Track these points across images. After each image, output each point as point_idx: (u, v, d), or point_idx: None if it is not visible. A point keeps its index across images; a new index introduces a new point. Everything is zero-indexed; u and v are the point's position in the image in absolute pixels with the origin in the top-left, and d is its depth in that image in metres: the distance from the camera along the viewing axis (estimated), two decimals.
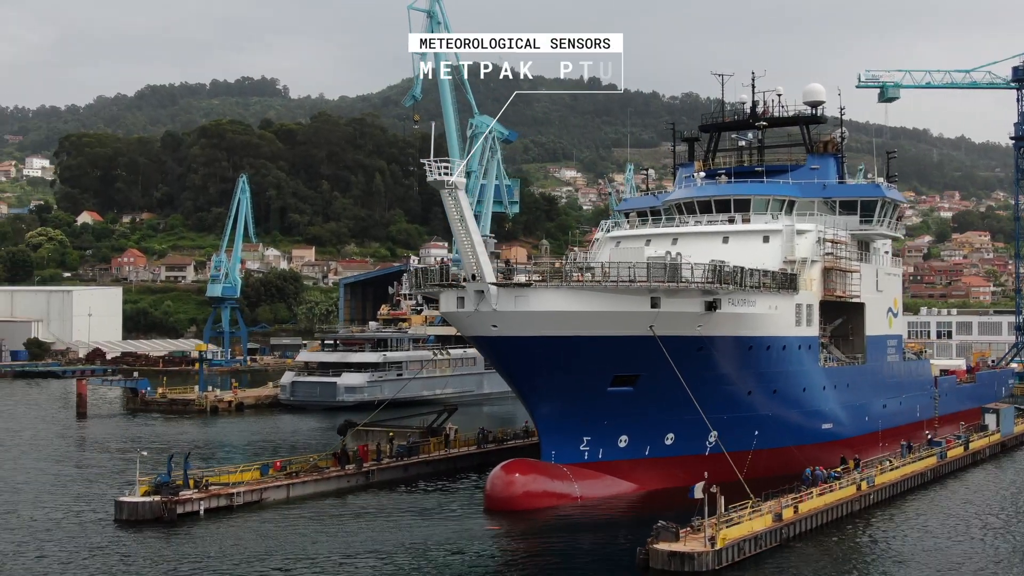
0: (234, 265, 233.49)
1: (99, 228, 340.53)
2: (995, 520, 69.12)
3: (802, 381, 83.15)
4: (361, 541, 60.11)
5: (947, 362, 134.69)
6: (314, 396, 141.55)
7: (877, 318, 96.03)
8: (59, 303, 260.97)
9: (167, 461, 70.06)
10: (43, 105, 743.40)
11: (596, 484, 73.30)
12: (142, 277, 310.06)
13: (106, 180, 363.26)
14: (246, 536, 61.46)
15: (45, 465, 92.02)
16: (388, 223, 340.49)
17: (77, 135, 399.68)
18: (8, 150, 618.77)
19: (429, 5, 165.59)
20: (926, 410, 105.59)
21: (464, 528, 63.65)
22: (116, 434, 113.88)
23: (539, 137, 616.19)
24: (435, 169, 64.67)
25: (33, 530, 63.65)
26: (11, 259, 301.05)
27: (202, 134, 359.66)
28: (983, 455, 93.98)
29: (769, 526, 58.88)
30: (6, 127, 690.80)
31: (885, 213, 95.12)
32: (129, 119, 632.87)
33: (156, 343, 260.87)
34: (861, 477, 71.68)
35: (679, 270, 69.65)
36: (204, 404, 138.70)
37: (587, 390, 71.30)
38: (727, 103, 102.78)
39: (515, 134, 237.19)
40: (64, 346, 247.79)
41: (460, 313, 70.62)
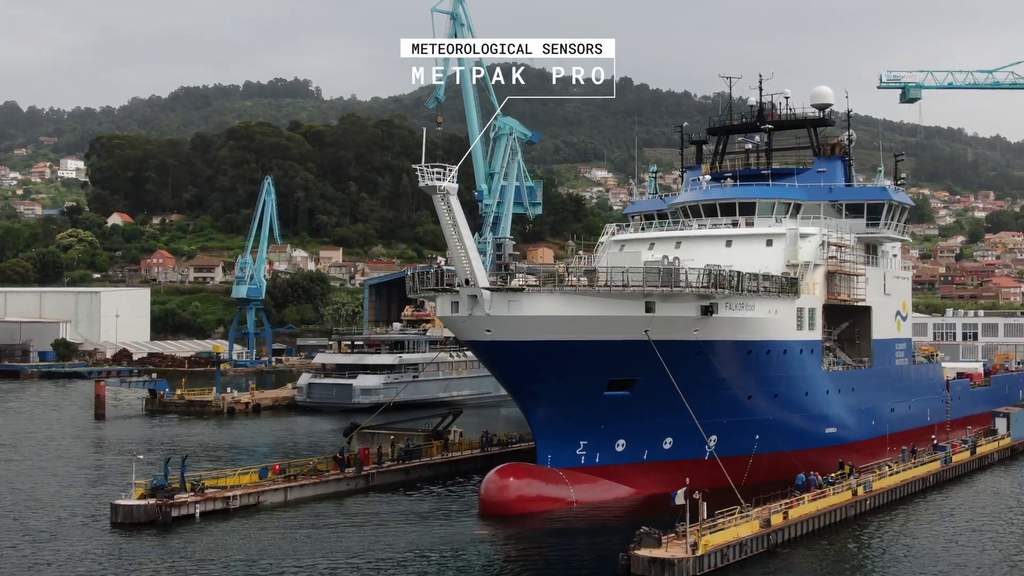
0: (259, 266, 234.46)
1: (129, 229, 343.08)
2: (992, 526, 68.65)
3: (804, 385, 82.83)
4: (348, 546, 60.40)
5: (964, 365, 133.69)
6: (330, 398, 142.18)
7: (885, 321, 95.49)
8: (87, 304, 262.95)
9: (163, 464, 70.50)
10: (78, 107, 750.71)
11: (592, 488, 73.38)
12: (171, 278, 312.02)
13: (136, 182, 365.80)
14: (237, 540, 61.88)
15: (54, 465, 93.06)
16: (415, 224, 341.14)
17: (108, 137, 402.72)
18: (43, 151, 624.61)
19: (452, 7, 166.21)
20: (937, 414, 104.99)
21: (453, 533, 63.89)
22: (130, 436, 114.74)
23: (570, 137, 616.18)
24: (427, 175, 64.89)
25: (29, 531, 64.44)
26: (41, 260, 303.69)
27: (231, 136, 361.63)
28: (991, 460, 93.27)
29: (756, 532, 58.80)
30: (42, 128, 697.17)
31: (893, 216, 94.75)
32: (162, 120, 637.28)
33: (183, 344, 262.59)
34: (858, 483, 71.30)
35: (673, 275, 69.54)
36: (221, 406, 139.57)
37: (583, 394, 71.39)
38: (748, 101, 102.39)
39: (538, 135, 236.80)
40: (92, 347, 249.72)
41: (455, 317, 70.92)
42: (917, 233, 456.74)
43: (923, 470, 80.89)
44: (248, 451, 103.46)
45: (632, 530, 56.04)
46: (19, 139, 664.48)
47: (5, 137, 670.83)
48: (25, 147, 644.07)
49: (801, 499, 64.89)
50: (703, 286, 70.44)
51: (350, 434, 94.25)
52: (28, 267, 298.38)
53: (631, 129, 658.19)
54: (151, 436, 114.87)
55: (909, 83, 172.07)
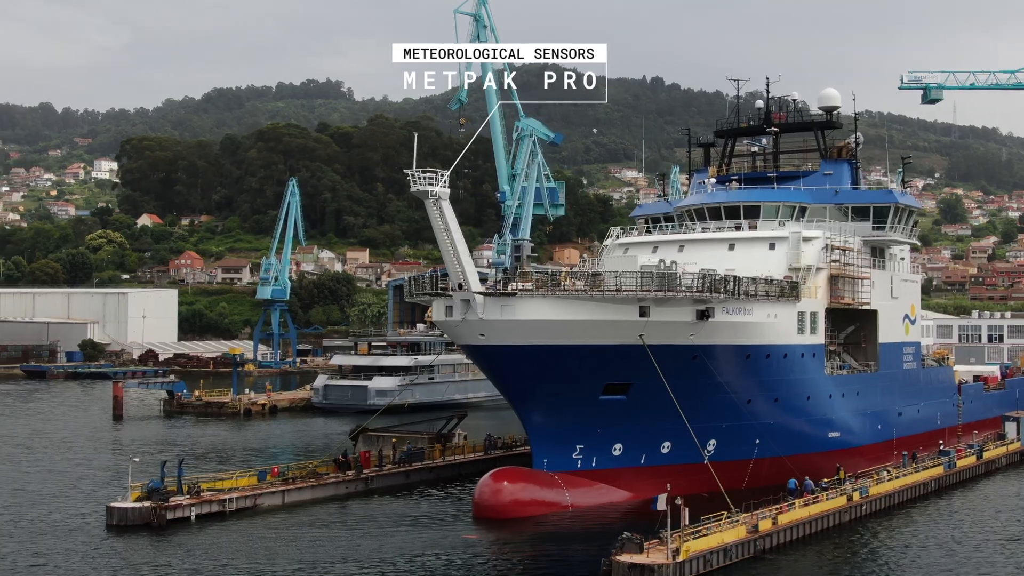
0: (284, 268, 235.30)
1: (158, 230, 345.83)
2: (985, 534, 68.11)
3: (806, 389, 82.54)
4: (335, 549, 60.67)
5: (980, 368, 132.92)
6: (346, 399, 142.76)
7: (891, 325, 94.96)
8: (115, 305, 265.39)
9: (160, 467, 71.05)
10: (112, 108, 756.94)
11: (588, 492, 73.42)
12: (199, 279, 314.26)
13: (166, 183, 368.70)
14: (227, 542, 62.31)
15: (62, 466, 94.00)
16: None
17: (138, 139, 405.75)
18: (78, 152, 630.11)
19: (476, 9, 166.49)
20: (948, 418, 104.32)
21: (444, 537, 64.01)
22: (144, 437, 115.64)
23: (601, 138, 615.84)
24: (418, 180, 65.29)
25: (26, 533, 65.16)
26: (71, 261, 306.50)
27: (259, 137, 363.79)
28: (998, 465, 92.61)
29: (742, 538, 58.68)
30: (77, 130, 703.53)
31: (899, 219, 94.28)
32: (195, 122, 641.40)
33: (209, 344, 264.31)
34: (853, 488, 70.99)
35: (666, 279, 69.48)
36: (237, 407, 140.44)
37: (578, 398, 71.43)
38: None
39: (560, 137, 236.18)
40: (119, 347, 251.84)
41: (449, 322, 71.23)
42: (949, 233, 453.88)
43: (924, 475, 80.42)
44: (258, 453, 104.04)
45: (618, 535, 55.93)
46: (54, 140, 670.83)
47: (40, 138, 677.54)
48: (60, 148, 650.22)
49: (792, 504, 64.62)
50: (697, 290, 70.34)
51: (356, 436, 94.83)
52: (58, 268, 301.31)
53: (662, 129, 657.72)
54: (165, 437, 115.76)
55: (931, 84, 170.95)
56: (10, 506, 73.84)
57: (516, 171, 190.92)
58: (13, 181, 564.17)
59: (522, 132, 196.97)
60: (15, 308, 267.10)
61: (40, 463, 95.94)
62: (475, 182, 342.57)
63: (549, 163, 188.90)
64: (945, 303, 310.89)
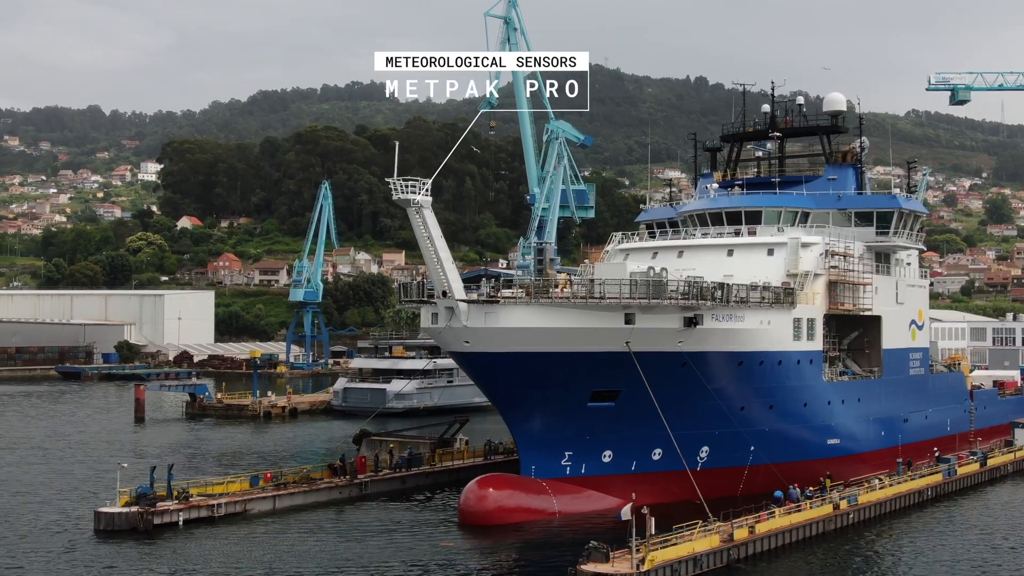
0: (316, 270, 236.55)
1: (197, 233, 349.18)
2: (978, 545, 67.45)
3: (803, 396, 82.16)
4: (315, 555, 61.13)
5: (1002, 373, 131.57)
6: (364, 402, 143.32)
7: (896, 331, 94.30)
8: (151, 307, 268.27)
9: (150, 472, 71.78)
10: (159, 110, 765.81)
11: (577, 499, 73.40)
12: (236, 281, 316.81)
13: (207, 186, 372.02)
14: (210, 549, 62.84)
15: (70, 468, 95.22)
16: (478, 227, 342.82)
17: (179, 142, 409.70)
18: (125, 155, 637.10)
19: (506, 11, 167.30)
20: (959, 424, 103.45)
21: (422, 545, 64.22)
22: (160, 440, 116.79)
23: (643, 138, 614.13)
24: (400, 188, 65.68)
25: (13, 535, 66.22)
26: (110, 263, 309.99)
27: (297, 140, 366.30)
28: (1003, 472, 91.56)
29: (715, 547, 58.51)
30: (124, 132, 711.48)
31: (904, 224, 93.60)
32: (240, 124, 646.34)
33: (245, 346, 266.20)
34: (840, 496, 70.57)
35: (651, 287, 69.41)
36: (257, 410, 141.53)
37: (565, 405, 71.50)
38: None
39: (591, 139, 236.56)
40: (155, 349, 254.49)
41: (434, 328, 71.61)
42: (995, 234, 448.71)
43: (920, 483, 79.67)
44: (265, 456, 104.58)
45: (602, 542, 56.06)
46: (102, 142, 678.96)
47: (88, 140, 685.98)
48: (107, 150, 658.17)
49: (772, 512, 64.35)
50: (683, 297, 70.26)
51: (359, 441, 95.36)
52: (97, 270, 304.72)
53: (706, 129, 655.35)
54: (180, 441, 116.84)
55: (958, 85, 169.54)
56: (4, 508, 74.87)
57: (546, 173, 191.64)
58: (61, 183, 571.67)
59: (552, 135, 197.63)
60: (54, 310, 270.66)
61: (50, 465, 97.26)
62: (512, 184, 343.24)
63: (591, 164, 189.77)
64: (985, 305, 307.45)
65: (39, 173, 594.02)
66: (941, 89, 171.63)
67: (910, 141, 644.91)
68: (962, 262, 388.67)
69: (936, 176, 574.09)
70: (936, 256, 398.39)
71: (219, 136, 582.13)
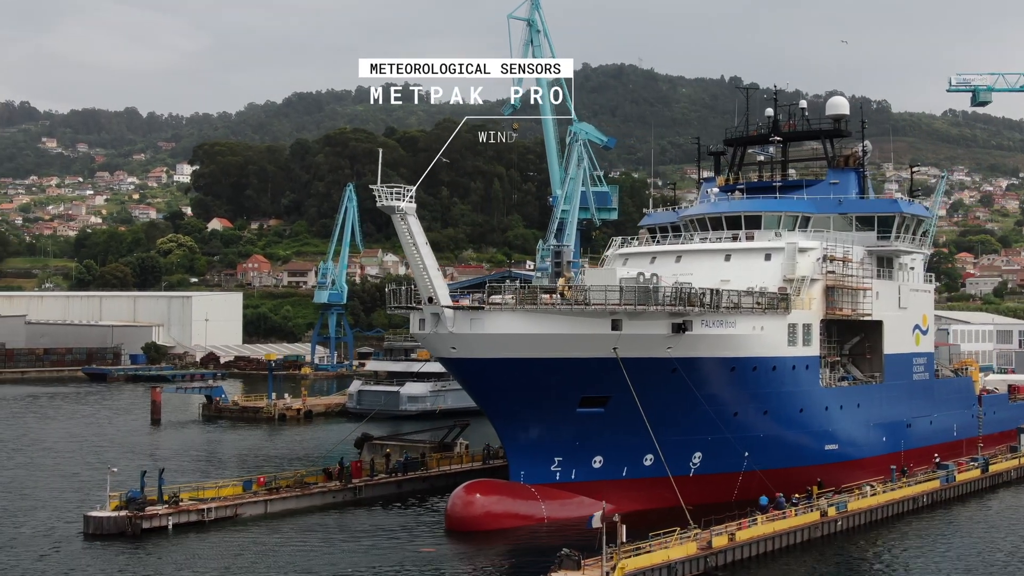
0: (341, 272, 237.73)
1: (227, 234, 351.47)
2: (966, 553, 67.00)
3: (799, 402, 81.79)
4: (295, 560, 61.55)
5: (1017, 377, 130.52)
6: (378, 405, 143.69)
7: (899, 336, 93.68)
8: (179, 308, 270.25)
9: (140, 476, 72.40)
10: (196, 112, 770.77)
11: (567, 505, 73.30)
12: (265, 282, 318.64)
13: (237, 188, 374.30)
14: (195, 553, 63.36)
15: (77, 470, 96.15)
16: (505, 228, 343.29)
17: (210, 144, 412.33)
18: (161, 156, 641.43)
19: (529, 13, 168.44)
20: (966, 429, 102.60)
21: (398, 551, 64.33)
22: (172, 442, 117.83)
23: (676, 138, 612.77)
24: (385, 194, 65.90)
25: (2, 537, 67.01)
26: (140, 265, 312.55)
27: (327, 142, 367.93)
28: (1005, 479, 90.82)
29: (692, 554, 58.44)
30: (161, 134, 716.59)
31: (906, 229, 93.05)
32: (275, 126, 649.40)
33: (272, 347, 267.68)
34: (829, 503, 70.26)
35: (637, 293, 69.39)
36: (272, 412, 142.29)
37: (554, 411, 71.56)
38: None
39: (613, 141, 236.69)
40: (183, 350, 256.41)
41: (422, 334, 71.92)
42: None
43: (914, 490, 79.18)
44: (274, 459, 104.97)
45: (581, 550, 56.20)
46: (138, 144, 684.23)
47: (125, 142, 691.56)
48: (144, 152, 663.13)
49: (754, 520, 64.19)
50: (671, 304, 70.16)
51: (361, 445, 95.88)
52: (127, 271, 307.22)
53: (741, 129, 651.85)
54: (191, 443, 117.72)
55: (979, 86, 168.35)
56: (2, 510, 75.81)
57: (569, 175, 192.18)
58: (97, 185, 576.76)
59: (575, 136, 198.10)
60: (83, 311, 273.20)
61: (57, 467, 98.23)
62: (540, 185, 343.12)
63: (624, 165, 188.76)
64: (1017, 307, 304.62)
65: (76, 175, 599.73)
66: (962, 90, 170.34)
67: (946, 141, 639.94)
68: (996, 263, 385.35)
69: (972, 176, 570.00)
70: (970, 257, 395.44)
71: (253, 138, 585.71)
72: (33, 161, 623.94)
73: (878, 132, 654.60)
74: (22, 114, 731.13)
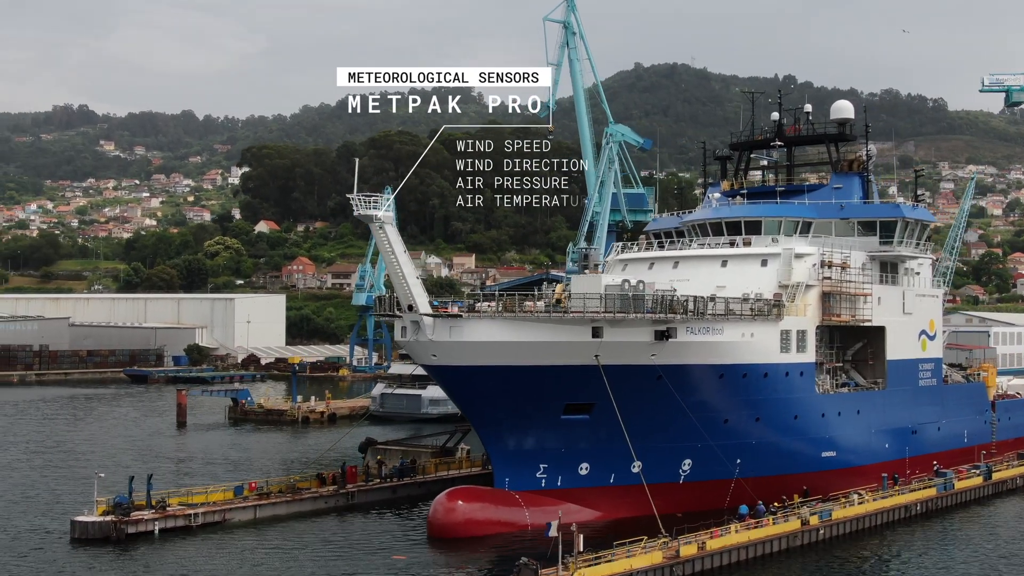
0: (379, 274, 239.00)
1: (273, 236, 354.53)
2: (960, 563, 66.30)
3: (792, 408, 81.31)
4: (274, 565, 62.27)
5: None
6: (400, 408, 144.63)
7: (903, 341, 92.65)
8: (222, 310, 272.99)
9: (128, 481, 73.29)
10: (251, 115, 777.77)
11: (552, 512, 73.22)
12: (309, 284, 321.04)
13: (284, 190, 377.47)
14: (179, 558, 64.22)
15: (89, 473, 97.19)
16: (548, 230, 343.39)
17: (258, 147, 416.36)
18: (217, 159, 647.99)
19: (565, 16, 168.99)
20: (978, 435, 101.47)
21: (368, 558, 64.77)
22: (193, 446, 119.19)
23: (728, 138, 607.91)
24: (362, 204, 66.37)
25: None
26: (187, 267, 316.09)
27: (371, 145, 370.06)
28: (1011, 487, 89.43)
29: (656, 563, 58.34)
30: (216, 136, 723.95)
31: (909, 234, 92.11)
32: (328, 128, 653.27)
33: (314, 349, 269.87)
34: (811, 512, 69.75)
35: (616, 301, 69.34)
36: (296, 415, 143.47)
37: (537, 418, 71.73)
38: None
39: (649, 142, 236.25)
40: (225, 352, 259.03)
41: (404, 341, 72.32)
42: None
43: (906, 498, 78.31)
44: (286, 463, 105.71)
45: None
46: (194, 147, 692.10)
47: (181, 145, 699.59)
48: (200, 155, 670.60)
49: (726, 528, 63.94)
50: (651, 312, 70.06)
51: (365, 449, 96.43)
52: (173, 274, 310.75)
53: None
54: (210, 446, 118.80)
55: (1012, 87, 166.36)
56: None
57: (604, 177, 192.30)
58: (154, 187, 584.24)
59: (611, 138, 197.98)
60: (128, 313, 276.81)
61: (71, 470, 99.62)
62: (583, 187, 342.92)
63: (675, 164, 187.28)
64: None
65: (133, 177, 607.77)
66: (995, 90, 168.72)
67: (1004, 139, 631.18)
68: None
69: None
70: (1023, 257, 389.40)
71: (307, 140, 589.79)
72: (91, 164, 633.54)
73: (934, 131, 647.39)
74: (81, 117, 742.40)
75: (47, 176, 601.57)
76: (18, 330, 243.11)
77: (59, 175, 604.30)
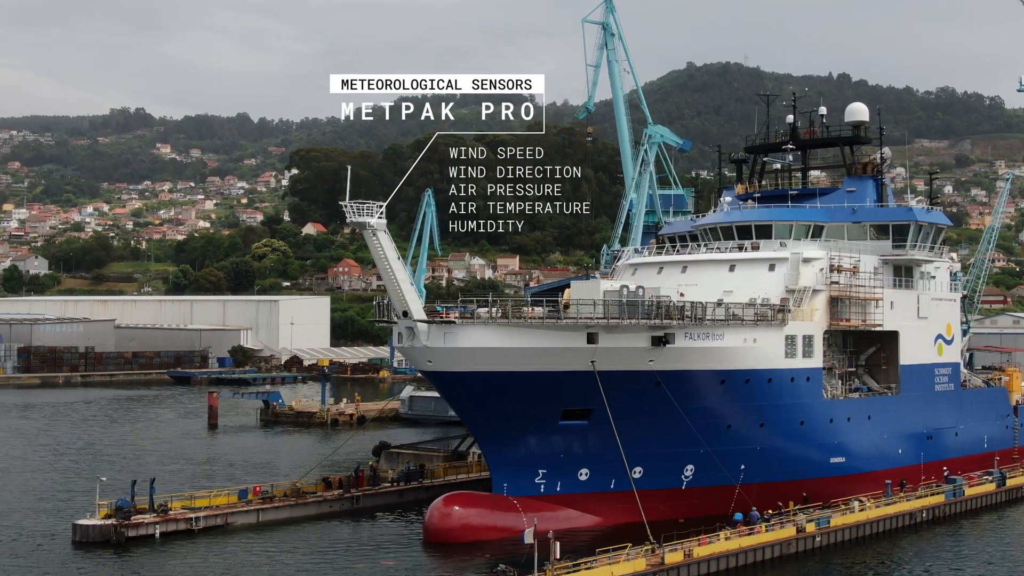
0: (420, 276, 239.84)
1: (320, 239, 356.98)
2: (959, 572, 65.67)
3: (799, 414, 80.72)
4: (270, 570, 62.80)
5: None
6: (429, 410, 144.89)
7: (918, 346, 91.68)
8: (267, 312, 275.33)
9: (131, 485, 74.18)
10: (306, 117, 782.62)
11: (552, 518, 72.85)
12: (354, 286, 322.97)
13: (332, 193, 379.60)
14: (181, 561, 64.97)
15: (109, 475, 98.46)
16: (593, 231, 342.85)
17: (306, 150, 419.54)
18: (271, 161, 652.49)
19: (604, 17, 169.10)
20: (999, 441, 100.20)
21: (358, 563, 65.08)
22: (222, 448, 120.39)
23: None
24: (355, 211, 66.76)
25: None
26: (234, 269, 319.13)
27: (416, 147, 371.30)
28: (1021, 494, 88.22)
29: (639, 571, 58.23)
30: (271, 139, 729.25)
31: (923, 237, 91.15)
32: (381, 130, 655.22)
33: (358, 350, 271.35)
34: (808, 519, 69.25)
35: (610, 307, 69.26)
36: (325, 417, 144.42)
37: (535, 424, 71.85)
38: None
39: (689, 143, 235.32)
40: (269, 353, 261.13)
41: (401, 347, 72.80)
42: None
43: (911, 505, 77.50)
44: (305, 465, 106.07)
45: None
46: (249, 149, 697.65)
47: (236, 148, 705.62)
48: (254, 157, 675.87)
49: (715, 536, 63.67)
50: (647, 317, 69.92)
51: (379, 453, 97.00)
52: (220, 276, 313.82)
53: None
54: (237, 448, 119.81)
55: None
56: (3, 514, 78.48)
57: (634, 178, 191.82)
58: (208, 189, 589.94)
59: (651, 140, 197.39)
60: (175, 315, 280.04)
61: (92, 472, 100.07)
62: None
63: (724, 165, 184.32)
64: None
65: (188, 180, 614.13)
66: None
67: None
68: None
69: None
70: None
71: (359, 143, 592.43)
72: (148, 167, 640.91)
73: (990, 129, 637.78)
74: (137, 120, 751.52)
75: (104, 179, 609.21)
76: (64, 332, 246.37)
77: (115, 178, 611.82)
